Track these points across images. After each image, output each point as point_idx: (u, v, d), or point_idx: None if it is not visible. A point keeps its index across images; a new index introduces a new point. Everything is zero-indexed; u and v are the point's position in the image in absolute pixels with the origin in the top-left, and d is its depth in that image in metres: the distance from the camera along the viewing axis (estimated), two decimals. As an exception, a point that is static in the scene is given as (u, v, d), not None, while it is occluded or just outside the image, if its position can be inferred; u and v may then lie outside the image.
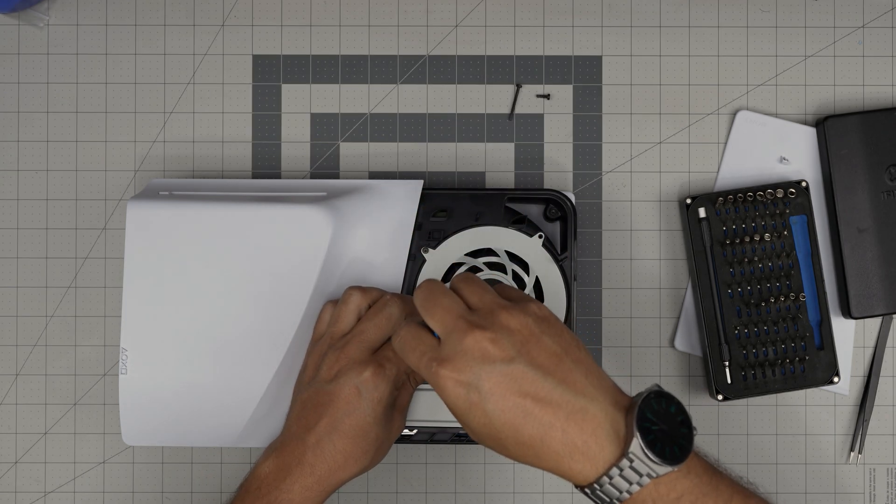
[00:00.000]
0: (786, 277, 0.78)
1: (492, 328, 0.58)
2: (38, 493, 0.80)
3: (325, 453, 0.66)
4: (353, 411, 0.67)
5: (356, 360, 0.68)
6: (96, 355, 0.80)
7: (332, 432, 0.67)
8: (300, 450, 0.67)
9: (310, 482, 0.66)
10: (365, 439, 0.67)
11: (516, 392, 0.57)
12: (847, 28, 0.81)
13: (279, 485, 0.66)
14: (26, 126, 0.81)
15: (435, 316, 0.61)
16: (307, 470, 0.66)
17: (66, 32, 0.81)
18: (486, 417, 0.58)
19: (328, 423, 0.67)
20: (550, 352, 0.59)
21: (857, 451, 0.80)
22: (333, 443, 0.66)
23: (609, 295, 0.81)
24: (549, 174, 0.81)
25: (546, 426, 0.57)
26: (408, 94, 0.81)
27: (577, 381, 0.58)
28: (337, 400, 0.67)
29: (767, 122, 0.81)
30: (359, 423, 0.67)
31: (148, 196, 0.75)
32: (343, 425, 0.67)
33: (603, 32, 0.81)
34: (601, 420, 0.57)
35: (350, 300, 0.71)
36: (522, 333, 0.59)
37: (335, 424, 0.67)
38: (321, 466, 0.66)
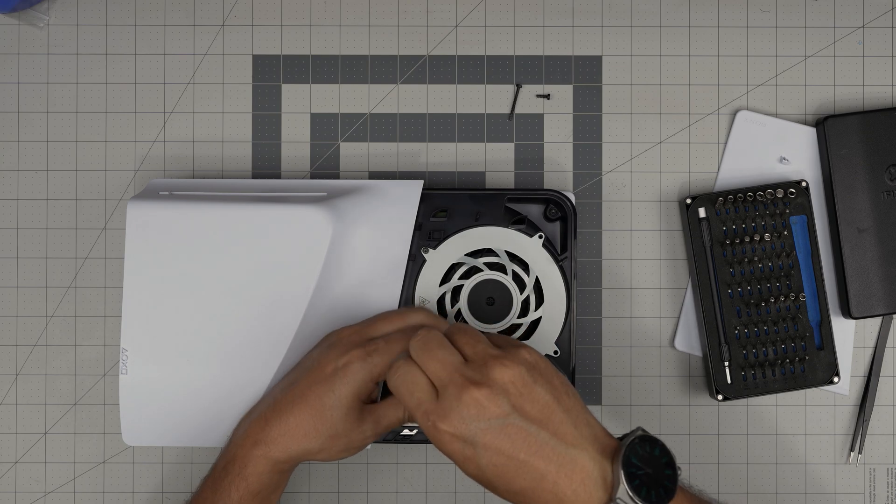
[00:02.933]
0: (786, 277, 0.78)
1: (487, 383, 0.60)
2: (38, 493, 0.80)
3: (282, 415, 0.67)
4: (323, 384, 0.67)
5: (354, 342, 0.69)
6: (96, 355, 0.80)
7: (298, 398, 0.67)
8: (266, 407, 0.68)
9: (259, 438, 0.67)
10: (320, 417, 0.67)
11: (510, 447, 0.59)
12: (847, 28, 0.81)
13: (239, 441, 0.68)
14: (26, 126, 0.81)
15: (431, 368, 0.62)
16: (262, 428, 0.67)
17: (66, 32, 0.81)
18: (480, 469, 0.60)
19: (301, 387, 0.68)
20: (543, 403, 0.60)
21: (857, 451, 0.80)
22: (294, 407, 0.67)
23: (609, 295, 0.81)
24: (549, 174, 0.81)
25: (538, 478, 0.59)
26: (408, 94, 0.81)
27: (568, 433, 0.60)
28: (316, 369, 0.68)
29: (767, 122, 0.81)
30: (322, 398, 0.67)
31: (148, 196, 0.75)
32: (310, 393, 0.67)
33: (603, 32, 0.81)
34: (590, 469, 0.59)
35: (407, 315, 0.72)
36: (516, 385, 0.60)
37: (304, 390, 0.67)
38: (274, 427, 0.67)
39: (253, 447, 0.67)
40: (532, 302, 0.76)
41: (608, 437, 0.61)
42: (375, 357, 0.68)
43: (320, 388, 0.67)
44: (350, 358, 0.68)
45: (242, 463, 0.67)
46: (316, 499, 0.80)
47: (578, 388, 0.80)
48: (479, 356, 0.62)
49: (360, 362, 0.67)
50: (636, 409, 0.80)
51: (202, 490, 0.69)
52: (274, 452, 0.67)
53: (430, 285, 0.76)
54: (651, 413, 0.80)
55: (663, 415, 0.80)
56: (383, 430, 0.69)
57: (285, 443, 0.67)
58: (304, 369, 0.69)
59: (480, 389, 0.60)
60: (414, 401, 0.62)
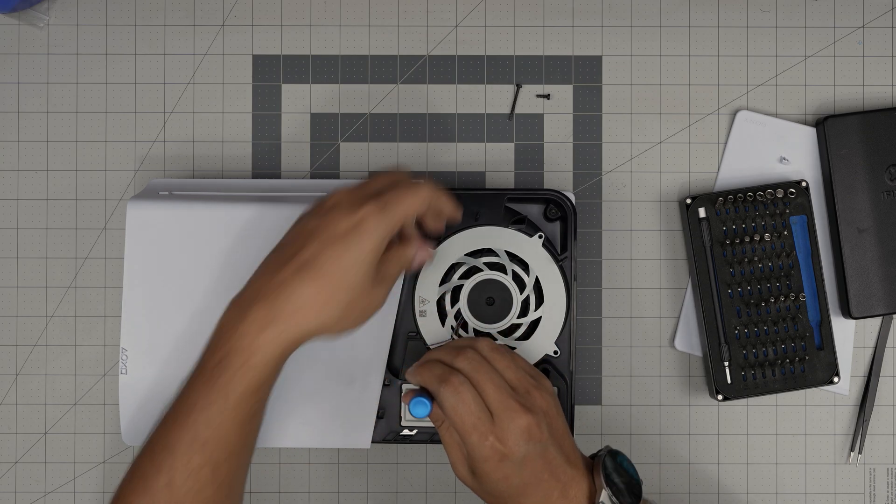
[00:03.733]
0: (786, 277, 0.78)
1: (533, 411, 0.65)
2: (38, 493, 0.80)
3: (287, 289, 0.60)
4: (341, 243, 0.61)
5: (357, 199, 0.63)
6: (96, 355, 0.80)
7: (311, 262, 0.61)
8: (265, 283, 0.62)
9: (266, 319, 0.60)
10: (341, 281, 0.61)
11: (543, 468, 0.66)
12: (847, 28, 0.81)
13: (234, 330, 0.61)
14: (26, 126, 0.81)
15: (487, 390, 0.65)
16: (265, 305, 0.60)
17: (66, 32, 0.81)
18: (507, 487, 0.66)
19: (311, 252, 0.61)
20: (563, 431, 0.68)
21: (857, 451, 0.80)
22: (306, 274, 0.61)
23: (609, 295, 0.81)
24: (549, 174, 0.81)
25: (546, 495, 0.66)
26: (408, 94, 0.81)
27: (571, 454, 0.68)
28: (327, 230, 0.62)
29: (767, 122, 0.81)
30: (341, 258, 0.61)
31: (148, 196, 0.75)
32: (324, 256, 0.61)
33: (603, 32, 0.81)
34: (582, 485, 0.67)
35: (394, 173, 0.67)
36: (550, 415, 0.67)
37: (316, 254, 0.61)
38: (283, 301, 0.60)
39: (260, 332, 0.60)
40: (532, 302, 0.76)
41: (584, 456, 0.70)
42: (390, 209, 0.62)
43: (335, 251, 0.60)
44: (365, 213, 0.61)
45: (247, 353, 0.60)
46: (316, 499, 0.80)
47: (578, 388, 0.81)
48: (522, 385, 0.67)
49: (377, 216, 0.61)
50: (636, 409, 0.80)
51: (189, 394, 0.61)
52: (288, 332, 0.60)
53: (430, 285, 0.76)
54: (651, 413, 0.80)
55: (663, 415, 0.80)
56: (390, 287, 0.66)
57: (300, 319, 0.60)
58: (305, 236, 0.62)
59: (528, 415, 0.65)
60: (472, 420, 0.64)
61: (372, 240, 0.62)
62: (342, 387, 0.74)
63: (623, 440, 0.80)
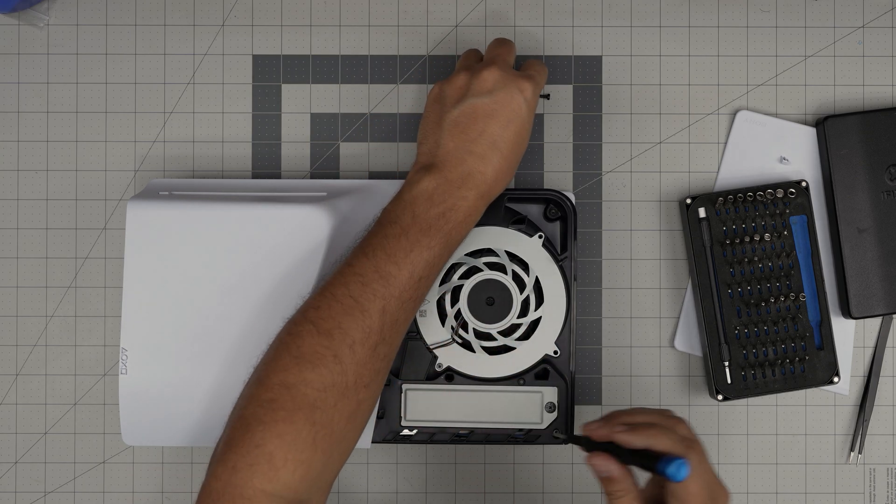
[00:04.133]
0: (786, 277, 0.78)
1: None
2: (38, 493, 0.80)
3: (492, 162, 0.69)
4: (518, 120, 0.70)
5: (514, 75, 0.71)
6: (96, 355, 0.80)
7: (497, 141, 0.69)
8: (465, 165, 0.69)
9: (483, 190, 0.69)
10: (521, 150, 0.71)
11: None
12: (847, 28, 0.81)
13: (454, 192, 0.68)
14: (26, 126, 0.81)
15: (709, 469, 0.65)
16: (478, 178, 0.69)
17: (66, 32, 0.81)
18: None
19: (491, 134, 0.69)
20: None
21: (857, 451, 0.80)
22: (500, 151, 0.69)
23: (609, 295, 0.81)
24: (549, 174, 0.81)
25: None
26: (408, 94, 0.81)
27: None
28: (503, 110, 0.69)
29: (767, 122, 0.81)
30: (520, 132, 0.70)
31: (148, 196, 0.75)
32: (507, 134, 0.69)
33: (603, 32, 0.81)
34: None
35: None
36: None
37: (502, 133, 0.69)
38: (491, 175, 0.69)
39: (479, 199, 0.69)
40: (532, 302, 0.76)
41: None
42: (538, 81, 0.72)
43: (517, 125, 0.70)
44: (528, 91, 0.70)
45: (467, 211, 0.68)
46: (316, 499, 0.80)
47: (578, 388, 0.81)
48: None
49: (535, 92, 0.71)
50: (636, 409, 0.80)
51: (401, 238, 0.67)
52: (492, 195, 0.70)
53: (430, 285, 0.76)
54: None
55: (663, 415, 0.80)
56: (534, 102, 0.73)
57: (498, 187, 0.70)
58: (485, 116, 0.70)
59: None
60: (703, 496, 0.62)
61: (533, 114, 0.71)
62: (342, 387, 0.74)
63: (623, 440, 0.80)
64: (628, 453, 0.62)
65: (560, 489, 0.80)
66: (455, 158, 0.69)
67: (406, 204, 0.68)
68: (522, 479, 0.80)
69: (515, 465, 0.80)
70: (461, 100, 0.70)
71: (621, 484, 0.63)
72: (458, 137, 0.69)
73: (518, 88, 0.70)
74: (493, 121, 0.69)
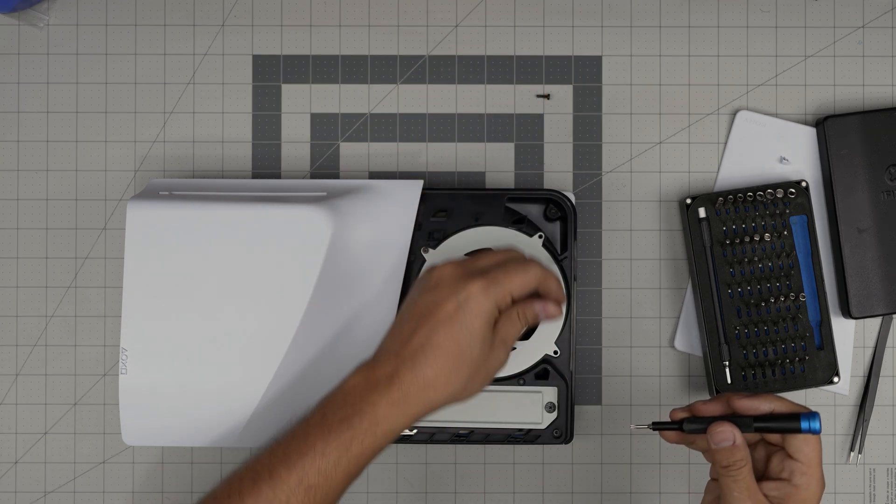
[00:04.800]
0: (786, 277, 0.78)
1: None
2: (38, 493, 0.80)
3: (416, 368, 0.63)
4: (450, 324, 0.64)
5: (463, 274, 0.65)
6: (96, 355, 0.80)
7: (426, 346, 0.64)
8: (392, 364, 0.64)
9: (396, 397, 0.63)
10: (460, 357, 0.64)
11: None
12: (847, 28, 0.81)
13: (365, 397, 0.63)
14: (26, 126, 0.81)
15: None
16: (395, 384, 0.63)
17: (66, 32, 0.81)
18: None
19: (423, 335, 0.64)
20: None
21: (857, 451, 0.80)
22: (426, 357, 0.63)
23: (609, 295, 0.81)
24: (549, 174, 0.81)
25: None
26: (408, 94, 0.81)
27: None
28: (435, 311, 0.64)
29: (767, 122, 0.81)
30: (456, 338, 0.64)
31: (148, 196, 0.75)
32: (438, 338, 0.64)
33: (603, 32, 0.81)
34: None
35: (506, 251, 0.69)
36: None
37: (430, 337, 0.64)
38: (410, 382, 0.63)
39: (390, 407, 0.63)
40: (532, 302, 0.76)
41: None
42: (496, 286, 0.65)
43: (450, 330, 0.64)
44: (470, 291, 0.64)
45: (376, 421, 0.63)
46: (316, 499, 0.80)
47: (578, 388, 0.81)
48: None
49: (483, 293, 0.64)
50: (636, 409, 0.80)
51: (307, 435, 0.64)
52: (415, 409, 0.64)
53: (430, 285, 0.76)
54: (651, 413, 0.80)
55: (663, 415, 0.80)
56: (510, 346, 0.67)
57: (426, 396, 0.64)
58: (418, 316, 0.65)
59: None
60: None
61: (481, 317, 0.64)
62: (342, 387, 0.74)
63: (623, 440, 0.80)
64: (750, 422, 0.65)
65: (560, 489, 0.80)
66: (386, 356, 0.65)
67: (324, 401, 0.65)
68: (522, 479, 0.80)
69: (515, 465, 0.80)
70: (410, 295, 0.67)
71: (741, 453, 0.64)
72: (395, 334, 0.65)
73: (458, 289, 0.64)
74: (426, 322, 0.64)
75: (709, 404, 0.67)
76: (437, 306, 0.64)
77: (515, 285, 0.65)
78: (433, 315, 0.64)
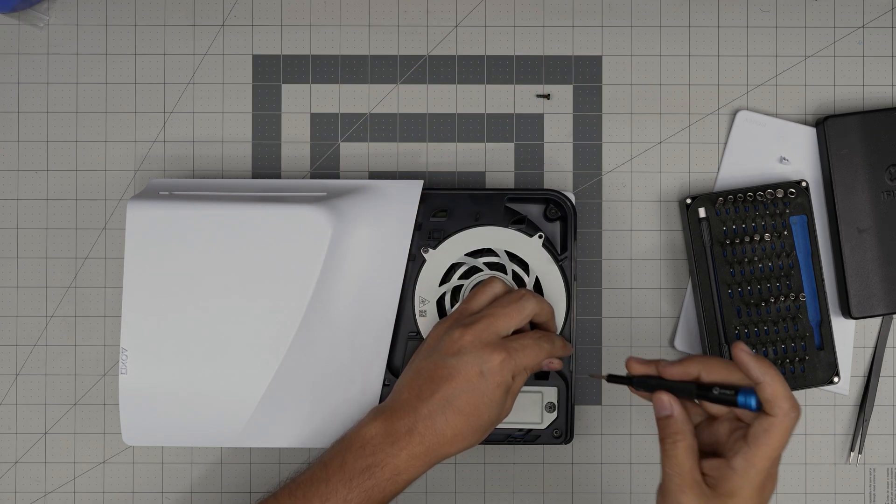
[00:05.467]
0: (786, 277, 0.78)
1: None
2: (38, 493, 0.80)
3: (436, 426, 0.67)
4: (473, 391, 0.68)
5: (485, 343, 0.69)
6: (96, 355, 0.80)
7: (447, 407, 0.67)
8: (411, 418, 0.67)
9: (418, 451, 0.67)
10: (479, 419, 0.68)
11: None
12: (847, 28, 0.81)
13: (386, 448, 0.67)
14: (26, 126, 0.81)
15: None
16: (416, 439, 0.67)
17: (66, 32, 0.81)
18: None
19: (443, 396, 0.67)
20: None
21: (857, 451, 0.80)
22: (446, 417, 0.67)
23: (609, 295, 0.81)
24: (549, 174, 0.81)
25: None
26: (408, 94, 0.81)
27: None
28: (457, 376, 0.68)
29: (767, 122, 0.81)
30: (476, 403, 0.68)
31: (148, 196, 0.75)
32: (459, 402, 0.67)
33: (603, 32, 0.81)
34: None
35: (490, 286, 0.73)
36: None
37: (451, 399, 0.67)
38: (430, 438, 0.67)
39: (411, 459, 0.67)
40: (532, 302, 0.76)
41: None
42: (516, 360, 0.69)
43: (472, 397, 0.68)
44: (492, 365, 0.68)
45: (397, 471, 0.67)
46: (316, 499, 0.80)
47: (578, 388, 0.81)
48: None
49: (503, 366, 0.68)
50: (636, 409, 0.80)
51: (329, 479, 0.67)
52: (432, 460, 0.68)
53: (430, 285, 0.76)
54: (651, 413, 0.80)
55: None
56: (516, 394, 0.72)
57: (444, 450, 0.68)
58: (444, 377, 0.68)
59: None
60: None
61: (500, 388, 0.68)
62: (342, 387, 0.74)
63: (623, 440, 0.80)
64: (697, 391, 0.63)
65: (560, 489, 0.80)
66: (405, 410, 0.68)
67: (342, 447, 0.68)
68: (522, 479, 0.80)
69: (515, 465, 0.80)
70: (431, 352, 0.70)
71: (678, 426, 0.63)
72: (415, 390, 0.69)
73: (482, 359, 0.68)
74: (448, 384, 0.68)
75: (671, 367, 0.65)
76: (460, 373, 0.68)
77: (531, 360, 0.70)
78: (454, 379, 0.68)
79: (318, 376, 0.74)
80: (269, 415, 0.74)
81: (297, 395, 0.74)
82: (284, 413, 0.74)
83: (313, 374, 0.74)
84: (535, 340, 0.71)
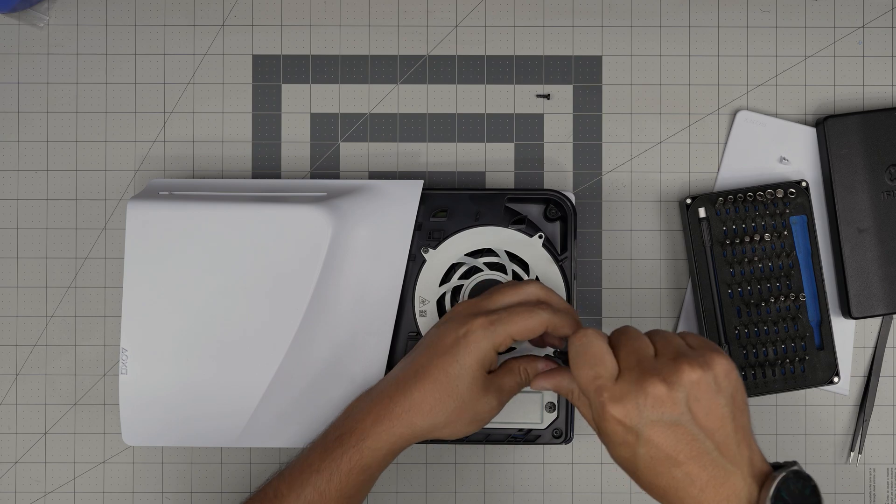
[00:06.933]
0: (786, 277, 0.78)
1: (671, 380, 0.60)
2: (38, 493, 0.80)
3: (405, 390, 0.67)
4: (445, 355, 0.66)
5: (470, 312, 0.68)
6: (96, 355, 0.80)
7: (420, 371, 0.67)
8: (391, 387, 0.68)
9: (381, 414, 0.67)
10: (446, 388, 0.66)
11: (672, 447, 0.59)
12: (847, 28, 0.81)
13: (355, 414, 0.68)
14: (26, 126, 0.81)
15: (623, 349, 0.62)
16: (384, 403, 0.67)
17: (66, 32, 0.81)
18: (633, 458, 0.60)
19: (421, 362, 0.67)
20: (718, 414, 0.60)
21: (857, 451, 0.80)
22: (416, 380, 0.67)
23: (609, 295, 0.81)
24: (549, 174, 0.81)
25: (687, 482, 0.59)
26: (408, 94, 0.81)
27: (730, 448, 0.60)
28: (437, 342, 0.67)
29: (767, 122, 0.81)
30: (445, 368, 0.66)
31: (148, 196, 0.75)
32: (430, 366, 0.67)
33: (603, 32, 0.81)
34: (739, 488, 0.59)
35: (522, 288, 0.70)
36: (699, 389, 0.60)
37: (425, 364, 0.67)
38: (397, 402, 0.67)
39: (375, 423, 0.67)
40: (532, 302, 0.76)
41: (763, 463, 0.61)
42: (498, 326, 0.66)
43: (443, 360, 0.66)
44: (471, 327, 0.66)
45: (361, 436, 0.67)
46: (316, 499, 0.80)
47: (578, 388, 0.80)
48: (671, 351, 0.62)
49: (482, 330, 0.66)
50: (636, 409, 0.80)
51: (308, 455, 0.68)
52: (398, 428, 0.67)
53: (430, 285, 0.76)
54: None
55: (663, 415, 0.80)
56: (506, 398, 0.69)
57: (410, 418, 0.67)
58: (424, 346, 0.69)
59: (664, 384, 0.59)
60: (592, 373, 0.61)
61: (473, 354, 0.66)
62: (342, 387, 0.74)
63: (623, 440, 0.80)
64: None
65: (560, 489, 0.80)
66: (387, 380, 0.69)
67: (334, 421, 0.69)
68: (522, 479, 0.80)
69: (515, 465, 0.80)
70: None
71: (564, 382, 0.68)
72: (402, 362, 0.69)
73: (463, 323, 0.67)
74: (426, 351, 0.68)
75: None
76: (440, 338, 0.67)
77: (517, 329, 0.66)
78: (434, 346, 0.67)
79: (318, 376, 0.74)
80: (269, 415, 0.74)
81: (298, 395, 0.74)
82: (284, 413, 0.74)
83: (313, 374, 0.74)
84: (528, 309, 0.67)
